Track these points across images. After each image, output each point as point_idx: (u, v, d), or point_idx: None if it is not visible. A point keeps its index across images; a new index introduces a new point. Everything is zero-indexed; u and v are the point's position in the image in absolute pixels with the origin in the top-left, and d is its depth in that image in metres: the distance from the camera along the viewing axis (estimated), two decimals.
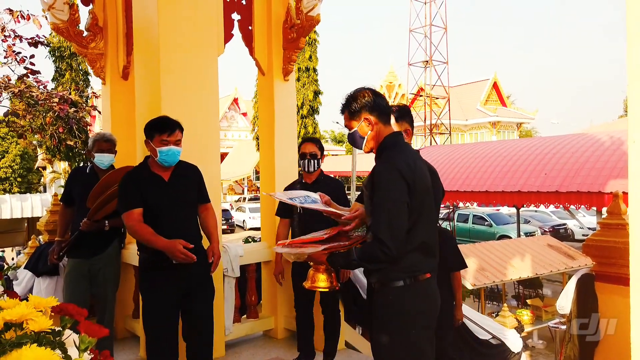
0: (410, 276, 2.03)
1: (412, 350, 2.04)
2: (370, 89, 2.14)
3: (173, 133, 2.73)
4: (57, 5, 4.03)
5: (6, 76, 9.63)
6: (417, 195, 2.00)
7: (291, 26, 4.13)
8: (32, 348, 0.81)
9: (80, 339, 0.90)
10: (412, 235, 2.01)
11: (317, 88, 23.41)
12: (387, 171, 1.99)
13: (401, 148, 2.09)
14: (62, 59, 19.18)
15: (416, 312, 2.05)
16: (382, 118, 2.10)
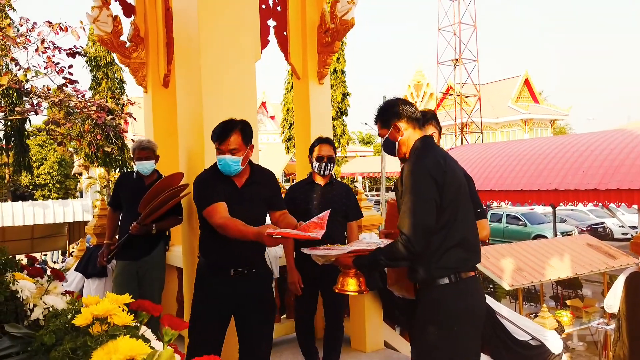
0: (454, 273, 2.07)
1: (457, 349, 2.06)
2: (399, 98, 2.30)
3: (224, 141, 2.54)
4: (101, 18, 4.21)
5: (46, 86, 10.06)
6: (450, 192, 2.06)
7: (325, 30, 4.19)
8: (126, 339, 0.89)
9: (164, 331, 0.97)
10: (451, 232, 2.06)
11: (346, 90, 23.46)
12: (415, 169, 2.08)
13: (431, 148, 2.18)
14: (99, 68, 19.82)
15: (461, 310, 2.07)
16: (410, 123, 2.23)
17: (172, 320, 0.99)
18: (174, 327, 0.98)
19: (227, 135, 2.55)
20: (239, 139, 2.56)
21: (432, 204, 2.02)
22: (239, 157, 2.55)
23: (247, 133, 2.62)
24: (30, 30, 9.47)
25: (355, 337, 4.01)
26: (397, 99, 2.30)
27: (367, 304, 3.90)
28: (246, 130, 2.62)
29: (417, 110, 2.27)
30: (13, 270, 1.91)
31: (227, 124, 2.62)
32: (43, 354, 1.00)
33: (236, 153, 2.55)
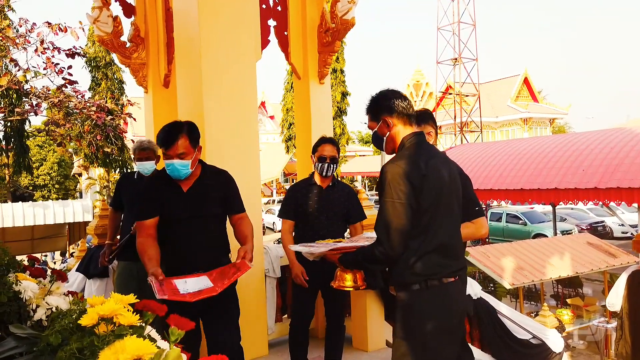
0: (427, 279, 2.01)
1: (429, 354, 2.01)
2: (392, 91, 2.20)
3: (171, 146, 2.44)
4: (101, 18, 4.21)
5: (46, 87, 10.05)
6: (429, 197, 1.99)
7: (326, 30, 4.19)
8: (132, 339, 0.89)
9: (170, 330, 0.98)
10: (428, 237, 2.00)
11: (345, 89, 23.46)
12: (390, 171, 2.01)
13: (416, 148, 2.08)
14: (98, 68, 19.81)
15: (434, 316, 2.01)
16: (401, 119, 2.13)
17: (179, 320, 0.99)
18: (180, 326, 0.98)
19: (173, 139, 2.44)
20: (187, 142, 2.47)
21: (405, 208, 1.96)
22: (187, 160, 2.47)
23: (194, 136, 2.52)
24: (29, 31, 9.46)
25: (357, 337, 4.01)
26: (390, 91, 2.20)
27: (368, 304, 3.90)
28: (193, 133, 2.52)
29: (410, 105, 2.18)
30: (15, 271, 1.91)
31: (172, 127, 2.51)
32: (49, 354, 1.00)
33: (185, 157, 2.46)
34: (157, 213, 2.53)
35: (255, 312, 3.77)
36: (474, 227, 2.53)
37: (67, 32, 9.53)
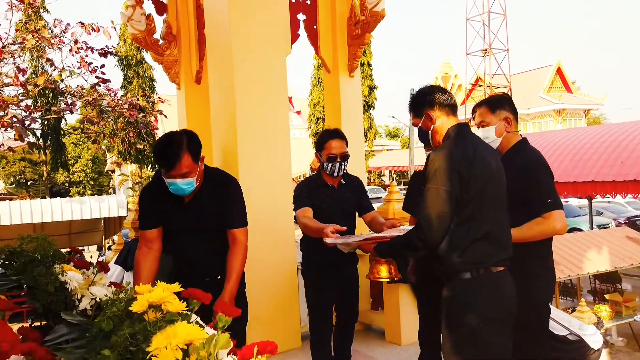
0: (476, 268, 2.00)
1: (479, 345, 1.99)
2: (431, 85, 2.24)
3: (172, 169, 2.22)
4: (135, 17, 4.30)
5: (80, 86, 10.34)
6: (476, 185, 1.99)
7: (355, 23, 4.18)
8: (183, 324, 0.92)
9: (218, 317, 1.00)
10: (474, 225, 2.00)
11: (372, 83, 23.33)
12: (437, 159, 2.02)
13: (461, 137, 2.10)
14: (130, 67, 20.26)
15: (484, 306, 2.00)
16: (443, 111, 2.16)
17: (225, 307, 1.01)
18: (227, 313, 1.00)
19: (175, 160, 2.20)
20: (189, 160, 2.23)
21: (448, 195, 1.96)
22: (191, 178, 2.27)
23: (195, 149, 2.27)
24: (63, 32, 9.74)
25: (389, 330, 4.00)
26: (430, 86, 2.25)
27: (401, 297, 3.89)
28: (194, 146, 2.27)
29: (450, 96, 2.19)
30: (61, 262, 1.98)
31: (170, 144, 2.23)
32: (101, 339, 1.04)
33: (189, 175, 2.25)
34: (157, 224, 2.42)
35: (288, 305, 3.81)
36: (545, 222, 2.29)
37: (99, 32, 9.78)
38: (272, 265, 3.72)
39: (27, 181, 30.76)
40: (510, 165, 2.33)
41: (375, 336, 4.19)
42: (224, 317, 0.99)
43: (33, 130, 12.03)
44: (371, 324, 4.34)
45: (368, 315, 4.30)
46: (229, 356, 0.95)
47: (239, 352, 0.89)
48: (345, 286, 3.06)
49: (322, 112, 24.96)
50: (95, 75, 10.04)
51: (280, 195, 3.74)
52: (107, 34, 9.93)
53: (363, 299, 4.34)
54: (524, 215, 2.33)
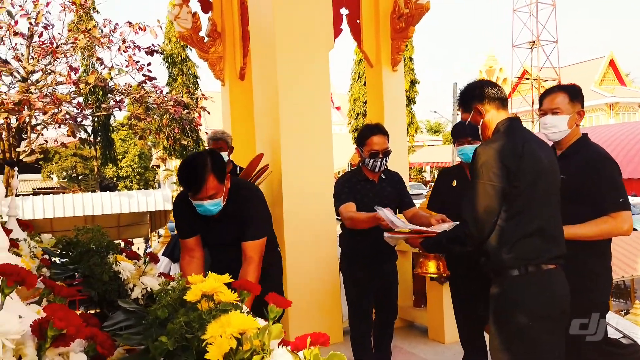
0: (526, 264, 1.95)
1: (527, 343, 1.94)
2: (480, 80, 2.22)
3: (198, 193, 2.21)
4: (181, 15, 4.40)
5: (127, 84, 10.71)
6: (524, 179, 1.94)
7: (399, 16, 4.12)
8: (237, 314, 0.94)
9: (269, 308, 1.01)
10: (524, 220, 1.95)
11: (414, 77, 23.04)
12: (484, 153, 1.99)
13: (511, 131, 2.05)
14: (175, 64, 20.82)
15: (533, 304, 1.94)
16: (493, 104, 2.13)
17: (277, 299, 1.02)
18: (278, 304, 1.01)
19: (201, 185, 2.18)
20: (215, 182, 2.20)
21: (495, 190, 1.93)
22: (218, 199, 2.25)
23: (219, 170, 2.23)
24: (112, 31, 10.11)
25: (433, 328, 3.95)
26: (479, 80, 2.23)
27: (445, 294, 3.82)
28: (217, 167, 2.23)
29: (500, 90, 2.15)
30: (114, 253, 2.06)
31: (195, 167, 2.21)
32: (157, 327, 1.07)
33: (216, 196, 2.23)
34: (194, 234, 2.44)
35: (330, 300, 3.82)
36: (613, 221, 2.20)
37: (146, 31, 10.10)
38: (314, 260, 3.74)
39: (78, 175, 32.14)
40: (574, 161, 2.28)
41: (417, 333, 4.15)
42: (275, 308, 1.00)
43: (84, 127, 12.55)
44: (414, 321, 4.30)
45: (410, 312, 4.25)
46: (279, 347, 0.96)
47: (292, 343, 0.89)
48: (384, 283, 3.04)
49: (363, 108, 24.83)
50: (142, 73, 10.37)
51: (323, 191, 3.74)
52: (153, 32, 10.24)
53: (405, 295, 4.30)
54: (587, 213, 2.25)
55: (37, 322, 0.81)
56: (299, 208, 3.65)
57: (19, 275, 0.84)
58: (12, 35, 9.19)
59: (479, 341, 2.84)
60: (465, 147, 2.69)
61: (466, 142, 2.70)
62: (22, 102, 8.78)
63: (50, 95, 9.46)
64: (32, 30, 9.42)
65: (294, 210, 3.64)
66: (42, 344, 0.81)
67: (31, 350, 0.81)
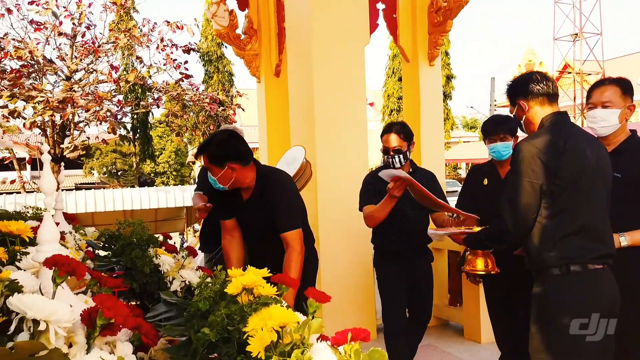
0: (568, 263, 1.89)
1: (570, 346, 1.88)
2: (529, 73, 2.15)
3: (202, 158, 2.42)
4: (219, 13, 4.46)
5: (165, 81, 10.95)
6: (566, 176, 1.89)
7: (437, 10, 4.05)
8: (277, 307, 0.94)
9: (309, 303, 1.01)
10: (566, 218, 1.90)
11: (450, 72, 22.68)
12: (524, 149, 1.95)
13: (554, 127, 2.00)
14: (210, 62, 21.17)
15: (576, 305, 1.88)
16: (537, 100, 2.08)
17: (317, 294, 1.02)
18: (318, 299, 1.01)
19: (199, 152, 2.42)
20: (206, 161, 2.36)
21: (532, 187, 1.89)
22: (214, 177, 2.36)
23: (215, 156, 2.33)
24: (151, 30, 10.37)
25: (469, 327, 3.88)
26: (528, 73, 2.15)
27: (482, 293, 3.74)
28: (213, 154, 2.34)
29: (549, 85, 2.08)
30: (154, 246, 2.11)
31: (202, 143, 2.45)
32: (198, 318, 1.09)
33: (211, 173, 2.37)
34: (230, 215, 2.52)
35: (364, 297, 3.81)
36: None
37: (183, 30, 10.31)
38: (348, 257, 3.74)
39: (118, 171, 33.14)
40: (630, 157, 2.21)
41: (453, 332, 4.09)
42: (315, 302, 1.00)
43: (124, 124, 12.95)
44: (449, 320, 4.24)
45: (446, 311, 4.20)
46: (318, 342, 0.96)
47: (333, 338, 0.89)
48: (416, 282, 3.01)
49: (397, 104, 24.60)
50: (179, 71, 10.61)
51: (357, 187, 3.71)
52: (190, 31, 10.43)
53: (441, 293, 4.24)
54: None
55: (86, 311, 0.83)
56: (333, 204, 3.65)
57: (70, 265, 0.86)
58: (57, 35, 9.55)
59: (516, 341, 2.77)
60: (497, 145, 2.64)
61: (498, 140, 2.64)
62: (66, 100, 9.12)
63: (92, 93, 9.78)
64: (75, 30, 9.76)
65: (329, 207, 3.65)
66: (91, 333, 0.84)
67: (81, 339, 0.84)
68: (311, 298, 1.01)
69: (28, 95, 8.82)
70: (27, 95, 8.81)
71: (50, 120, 9.71)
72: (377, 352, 0.85)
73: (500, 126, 2.63)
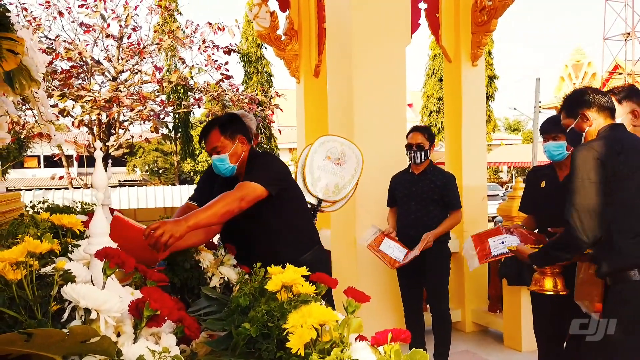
0: None
1: None
2: (589, 87, 2.19)
3: (205, 142, 2.25)
4: (260, 14, 4.52)
5: (206, 82, 11.20)
6: (629, 175, 1.91)
7: (481, 9, 3.97)
8: (317, 305, 0.95)
9: (348, 302, 1.01)
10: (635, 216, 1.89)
11: (493, 73, 22.17)
12: (581, 154, 1.95)
13: (610, 132, 2.00)
14: (250, 63, 21.46)
15: None
16: (602, 113, 2.08)
17: (356, 293, 1.02)
18: (357, 299, 1.01)
19: (205, 133, 2.24)
20: (218, 134, 2.20)
21: (595, 187, 1.89)
22: (224, 154, 2.20)
23: (227, 126, 2.22)
24: (194, 32, 10.63)
25: (509, 335, 3.78)
26: (588, 87, 2.19)
27: (523, 300, 3.64)
28: (227, 124, 2.23)
29: (610, 100, 2.10)
30: None
31: (208, 122, 2.32)
32: (239, 314, 1.11)
33: (221, 150, 2.20)
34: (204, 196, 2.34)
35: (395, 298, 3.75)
36: None
37: (224, 31, 10.52)
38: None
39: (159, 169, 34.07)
40: None
41: (492, 339, 3.99)
42: (354, 302, 1.00)
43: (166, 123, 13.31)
44: (488, 327, 4.14)
45: (485, 317, 4.10)
46: (357, 341, 0.96)
47: (373, 337, 0.89)
48: (428, 285, 3.30)
49: (436, 105, 24.23)
50: (220, 72, 10.82)
51: None
52: (231, 32, 10.63)
53: (480, 299, 4.16)
54: None
55: (134, 302, 0.86)
56: (371, 206, 3.62)
57: (119, 258, 0.90)
58: (105, 37, 9.91)
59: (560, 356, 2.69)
60: (549, 144, 2.58)
61: (550, 139, 2.58)
62: (112, 99, 9.46)
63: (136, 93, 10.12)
64: (121, 32, 10.12)
65: (367, 209, 3.62)
66: (138, 323, 0.86)
67: (129, 328, 0.87)
68: (350, 297, 1.01)
69: (77, 95, 9.21)
70: (76, 95, 9.21)
71: (97, 119, 10.10)
72: (418, 354, 0.84)
73: (554, 125, 2.57)
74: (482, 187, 4.30)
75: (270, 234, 2.22)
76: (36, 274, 0.95)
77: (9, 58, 2.06)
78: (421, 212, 3.21)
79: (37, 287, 0.92)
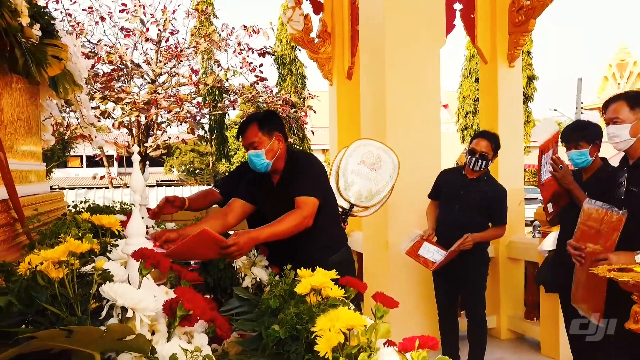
0: None
1: None
2: None
3: (242, 136, 2.28)
4: (294, 17, 4.56)
5: (241, 84, 11.38)
6: None
7: (519, 9, 3.88)
8: (345, 309, 0.95)
9: (376, 307, 1.02)
10: None
11: (532, 73, 21.59)
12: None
13: None
14: (284, 65, 21.61)
15: None
16: None
17: (384, 298, 1.02)
18: (385, 304, 1.01)
19: (243, 128, 2.26)
20: (256, 129, 2.22)
21: None
22: (260, 150, 2.21)
23: (265, 122, 2.24)
24: (229, 35, 10.82)
25: (546, 343, 3.67)
26: None
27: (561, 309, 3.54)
28: (264, 120, 2.25)
29: None
30: None
31: (246, 118, 2.36)
32: (269, 315, 1.13)
33: (258, 146, 2.21)
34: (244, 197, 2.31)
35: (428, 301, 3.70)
36: None
37: (259, 34, 10.67)
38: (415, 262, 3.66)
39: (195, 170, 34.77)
40: None
41: (529, 347, 3.88)
42: (382, 307, 1.00)
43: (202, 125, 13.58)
44: (524, 334, 4.03)
45: (521, 325, 4.00)
46: (385, 346, 0.96)
47: (400, 344, 0.89)
48: (466, 291, 3.27)
49: (473, 106, 23.77)
50: (254, 74, 10.97)
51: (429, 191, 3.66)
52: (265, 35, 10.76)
53: (516, 306, 4.06)
54: None
55: (168, 302, 0.89)
56: (404, 208, 3.59)
57: (155, 258, 0.93)
58: (144, 41, 10.21)
59: None
60: (572, 152, 2.54)
61: (572, 147, 2.53)
62: (151, 101, 9.73)
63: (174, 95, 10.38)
64: (160, 36, 10.40)
65: (399, 211, 3.59)
66: (172, 322, 0.89)
67: (163, 327, 0.89)
68: (379, 302, 1.01)
69: (117, 97, 9.52)
70: (116, 97, 9.52)
71: (136, 120, 10.41)
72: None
73: (574, 133, 2.54)
74: (519, 191, 4.19)
75: (301, 235, 2.19)
76: (77, 273, 0.99)
77: (54, 64, 2.16)
78: (464, 218, 3.11)
79: (78, 286, 0.97)
